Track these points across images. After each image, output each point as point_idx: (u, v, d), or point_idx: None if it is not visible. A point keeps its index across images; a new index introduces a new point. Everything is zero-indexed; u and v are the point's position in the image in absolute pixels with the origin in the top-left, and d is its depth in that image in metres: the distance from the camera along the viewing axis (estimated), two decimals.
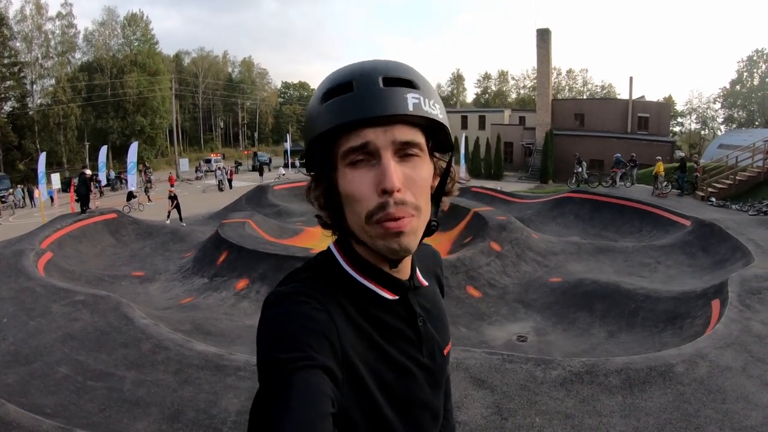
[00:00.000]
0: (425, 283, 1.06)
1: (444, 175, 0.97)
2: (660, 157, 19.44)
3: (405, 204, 0.84)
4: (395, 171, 0.83)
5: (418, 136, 0.87)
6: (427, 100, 0.87)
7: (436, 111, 0.88)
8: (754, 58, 56.04)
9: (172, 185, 29.78)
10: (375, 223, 0.84)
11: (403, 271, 0.98)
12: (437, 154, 0.97)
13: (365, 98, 0.83)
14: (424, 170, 0.88)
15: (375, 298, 0.94)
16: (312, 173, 0.95)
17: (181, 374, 5.48)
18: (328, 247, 1.00)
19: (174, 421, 4.65)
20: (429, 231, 0.94)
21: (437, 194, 0.96)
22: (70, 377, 5.58)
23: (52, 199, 25.36)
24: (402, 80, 0.87)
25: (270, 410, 0.70)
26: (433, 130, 0.91)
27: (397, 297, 0.97)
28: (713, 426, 4.31)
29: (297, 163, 40.30)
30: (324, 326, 0.81)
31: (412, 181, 0.85)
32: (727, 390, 4.84)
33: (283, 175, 40.52)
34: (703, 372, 5.10)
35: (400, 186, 0.83)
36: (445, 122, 0.90)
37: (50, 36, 49.16)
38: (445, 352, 1.06)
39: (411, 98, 0.85)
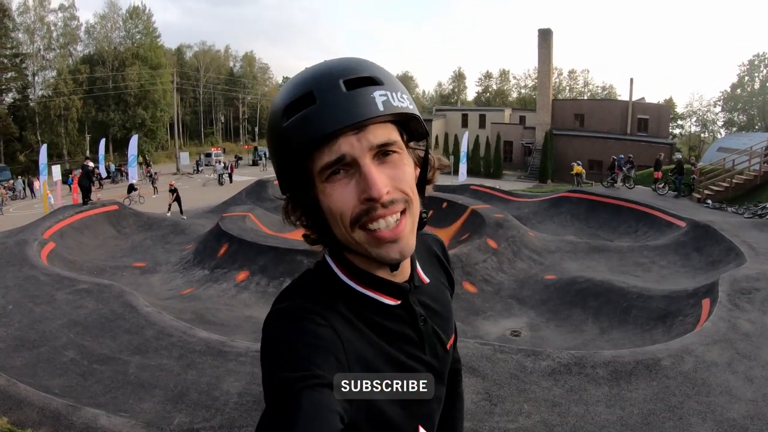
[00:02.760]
0: (426, 279, 1.03)
1: (423, 165, 0.93)
2: (579, 162, 19.61)
3: (394, 202, 0.81)
4: (379, 176, 0.80)
5: (393, 134, 0.83)
6: (394, 93, 0.82)
7: (406, 103, 0.84)
8: (755, 62, 56.05)
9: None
10: (360, 229, 0.82)
11: (403, 272, 0.95)
12: (412, 144, 0.91)
13: (330, 108, 0.78)
14: (406, 165, 0.85)
15: (376, 305, 0.92)
16: (287, 194, 0.91)
17: (184, 359, 5.66)
18: (324, 258, 0.97)
19: (178, 402, 4.83)
20: (421, 224, 0.91)
21: (420, 184, 0.91)
22: (76, 361, 5.76)
23: (70, 186, 25.22)
24: (364, 79, 0.82)
25: (278, 428, 0.69)
26: (406, 122, 0.87)
27: (399, 302, 0.94)
28: (696, 417, 4.48)
29: None
30: (329, 342, 0.79)
31: (397, 179, 0.82)
32: (712, 384, 5.01)
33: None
34: (688, 366, 5.27)
35: (386, 189, 0.80)
36: (416, 112, 0.86)
37: (52, 28, 49.16)
38: (448, 346, 1.04)
39: (379, 96, 0.80)
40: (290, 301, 0.88)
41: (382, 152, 0.82)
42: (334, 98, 0.79)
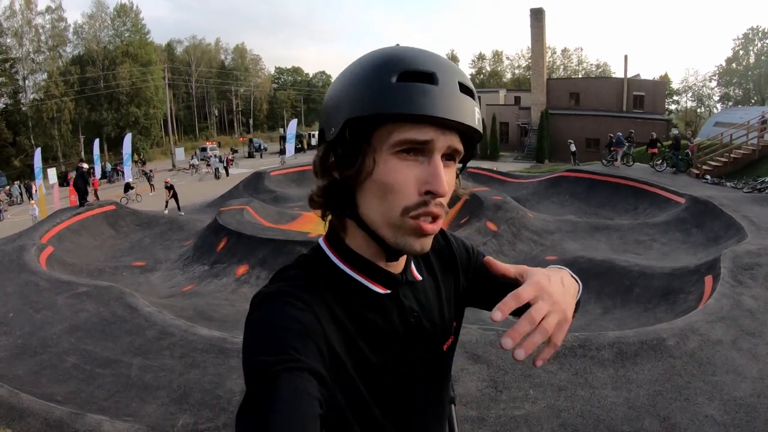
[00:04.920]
0: (419, 277, 1.00)
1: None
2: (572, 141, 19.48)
3: (442, 206, 0.84)
4: (444, 176, 0.82)
5: (461, 145, 0.87)
6: (480, 113, 0.88)
7: (480, 126, 0.88)
8: (750, 35, 55.69)
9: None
10: (411, 218, 0.82)
11: (397, 264, 0.94)
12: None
13: (448, 99, 0.81)
14: (453, 176, 0.89)
15: (366, 293, 0.91)
16: (328, 142, 0.87)
17: (186, 358, 5.63)
18: (318, 243, 0.97)
19: (181, 402, 4.81)
20: None
21: None
22: (78, 366, 5.73)
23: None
24: (471, 90, 0.86)
25: (256, 413, 0.68)
26: (468, 140, 0.90)
27: (388, 291, 0.93)
28: (703, 397, 4.45)
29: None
30: (309, 327, 0.79)
31: (449, 186, 0.85)
32: (717, 363, 4.98)
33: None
34: (693, 345, 5.24)
35: (448, 191, 0.84)
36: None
37: (41, 30, 48.87)
38: (445, 347, 1.01)
39: (477, 112, 0.85)
40: (274, 285, 0.87)
41: (448, 156, 0.85)
42: (452, 92, 0.82)
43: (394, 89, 0.79)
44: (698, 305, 6.60)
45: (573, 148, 26.61)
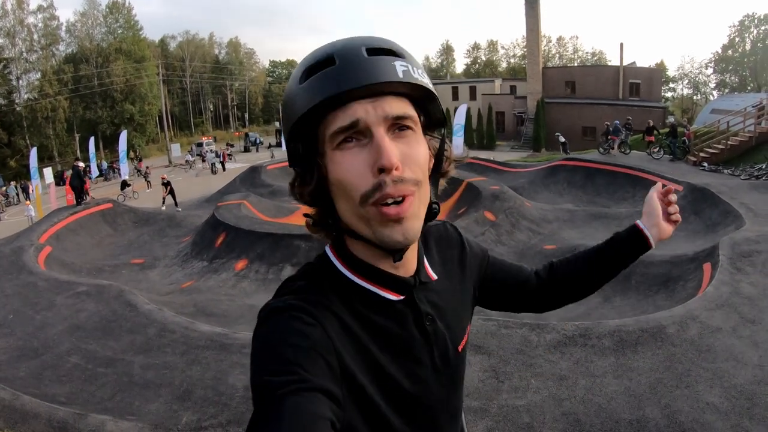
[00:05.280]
0: (434, 276, 0.96)
1: (439, 155, 0.89)
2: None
3: (404, 181, 0.76)
4: (391, 147, 0.76)
5: (409, 109, 0.80)
6: (415, 68, 0.81)
7: (426, 80, 0.82)
8: (746, 22, 55.42)
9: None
10: (372, 206, 0.77)
11: (408, 266, 0.90)
12: (428, 133, 0.89)
13: (349, 69, 0.76)
14: (420, 146, 0.81)
15: (377, 300, 0.87)
16: (296, 166, 0.86)
17: (187, 355, 5.64)
18: (324, 251, 0.93)
19: (184, 400, 4.82)
20: (431, 215, 0.87)
21: (434, 175, 0.88)
22: (80, 366, 5.73)
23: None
24: (386, 50, 0.80)
25: None
26: (423, 102, 0.84)
27: (401, 297, 0.89)
28: (703, 384, 4.45)
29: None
30: (318, 343, 0.75)
31: (409, 157, 0.78)
32: (717, 350, 4.97)
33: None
34: (693, 333, 5.24)
35: (398, 163, 0.76)
36: (435, 92, 0.84)
37: (33, 30, 48.28)
38: (460, 348, 0.98)
39: (399, 66, 0.78)
40: (282, 297, 0.83)
41: (398, 126, 0.79)
42: (354, 61, 0.77)
43: (301, 92, 0.79)
44: (697, 293, 6.61)
45: (562, 139, 26.58)
